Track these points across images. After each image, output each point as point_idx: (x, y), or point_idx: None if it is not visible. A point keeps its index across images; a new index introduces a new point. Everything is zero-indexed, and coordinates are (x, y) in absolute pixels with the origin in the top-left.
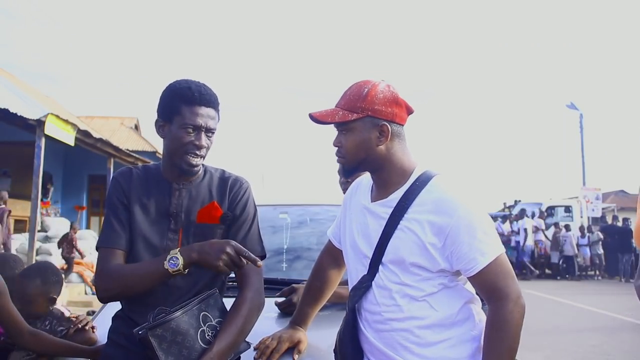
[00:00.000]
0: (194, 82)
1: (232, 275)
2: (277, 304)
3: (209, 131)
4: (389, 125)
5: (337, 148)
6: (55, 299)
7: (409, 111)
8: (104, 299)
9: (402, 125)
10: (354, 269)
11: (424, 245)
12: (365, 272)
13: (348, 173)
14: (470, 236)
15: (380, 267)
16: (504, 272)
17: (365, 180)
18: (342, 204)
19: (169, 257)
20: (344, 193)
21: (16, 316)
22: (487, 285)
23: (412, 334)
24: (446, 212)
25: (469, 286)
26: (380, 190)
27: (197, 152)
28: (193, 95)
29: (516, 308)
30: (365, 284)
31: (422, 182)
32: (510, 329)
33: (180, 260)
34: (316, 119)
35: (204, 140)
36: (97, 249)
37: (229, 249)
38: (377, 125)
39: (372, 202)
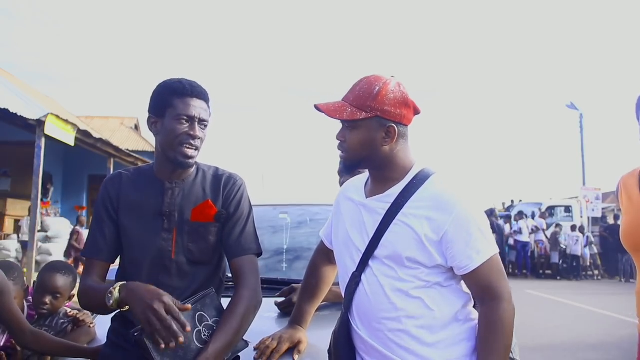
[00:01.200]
0: (184, 78)
1: (230, 275)
2: (277, 304)
3: (202, 122)
4: (396, 127)
5: (339, 142)
6: (72, 297)
7: (416, 112)
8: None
9: (407, 126)
10: (344, 265)
11: (421, 240)
12: (355, 268)
13: (348, 169)
14: (467, 234)
15: (372, 261)
16: (498, 271)
17: (356, 180)
18: (334, 205)
19: (110, 289)
20: None
21: (18, 315)
22: (481, 284)
23: (408, 334)
24: (445, 209)
25: (464, 286)
26: (376, 186)
27: (192, 143)
28: (185, 87)
29: (509, 307)
30: (355, 280)
31: (420, 179)
32: (506, 328)
33: (114, 296)
34: (322, 112)
35: (198, 131)
36: (82, 256)
37: (157, 306)
38: (384, 126)
39: (367, 197)
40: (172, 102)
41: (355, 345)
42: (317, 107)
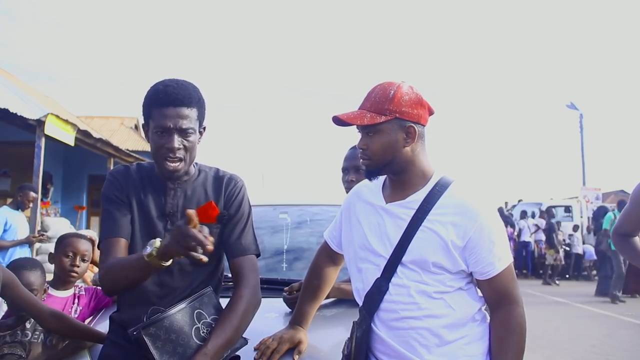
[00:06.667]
0: (168, 81)
1: (229, 275)
2: (286, 299)
3: (183, 132)
4: (415, 127)
5: (361, 150)
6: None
7: (431, 112)
8: (106, 293)
9: (424, 126)
10: (364, 269)
11: (447, 246)
12: (379, 274)
13: (372, 175)
14: (490, 241)
15: (399, 267)
16: (513, 278)
17: (370, 184)
18: (343, 207)
19: (151, 241)
20: (347, 191)
21: (33, 300)
22: (499, 290)
23: (431, 333)
24: (470, 217)
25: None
26: (396, 192)
27: (171, 156)
28: (159, 96)
29: (523, 311)
30: (381, 287)
31: (441, 186)
32: (523, 331)
33: (155, 244)
34: (342, 121)
35: (175, 142)
36: (99, 244)
37: (183, 229)
38: (404, 127)
39: (387, 202)
40: (151, 112)
41: (372, 345)
42: (336, 118)
